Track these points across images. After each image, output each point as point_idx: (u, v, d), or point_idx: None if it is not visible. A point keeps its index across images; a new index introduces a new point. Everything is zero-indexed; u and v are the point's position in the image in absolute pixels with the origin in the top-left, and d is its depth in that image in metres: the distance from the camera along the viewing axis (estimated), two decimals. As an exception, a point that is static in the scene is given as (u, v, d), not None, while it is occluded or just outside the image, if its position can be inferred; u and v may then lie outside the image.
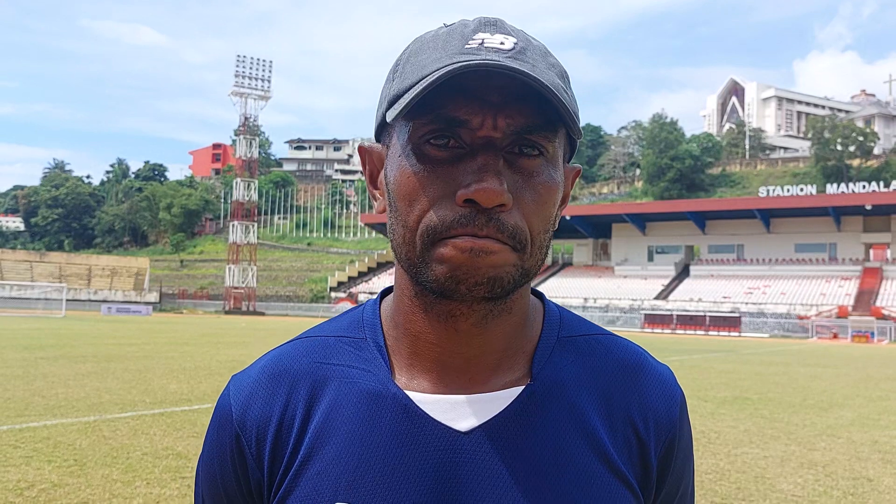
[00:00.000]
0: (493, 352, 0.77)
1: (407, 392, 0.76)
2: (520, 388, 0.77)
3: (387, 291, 0.86)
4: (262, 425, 0.78)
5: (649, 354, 0.87)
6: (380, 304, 0.85)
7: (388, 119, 0.70)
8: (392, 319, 0.80)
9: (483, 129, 0.67)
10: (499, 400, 0.75)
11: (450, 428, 0.74)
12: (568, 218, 73.17)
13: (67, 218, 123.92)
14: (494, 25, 0.70)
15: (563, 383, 0.79)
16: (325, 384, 0.78)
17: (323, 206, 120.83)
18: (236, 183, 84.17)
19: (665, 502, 0.84)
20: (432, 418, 0.74)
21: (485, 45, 0.67)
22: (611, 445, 0.77)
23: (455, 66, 0.64)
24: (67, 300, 63.11)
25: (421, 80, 0.66)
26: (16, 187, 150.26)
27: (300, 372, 0.80)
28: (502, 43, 0.68)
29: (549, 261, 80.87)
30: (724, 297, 61.63)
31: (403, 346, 0.78)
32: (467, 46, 0.68)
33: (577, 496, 0.74)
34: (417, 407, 0.75)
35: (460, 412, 0.74)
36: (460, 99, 0.67)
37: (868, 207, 60.98)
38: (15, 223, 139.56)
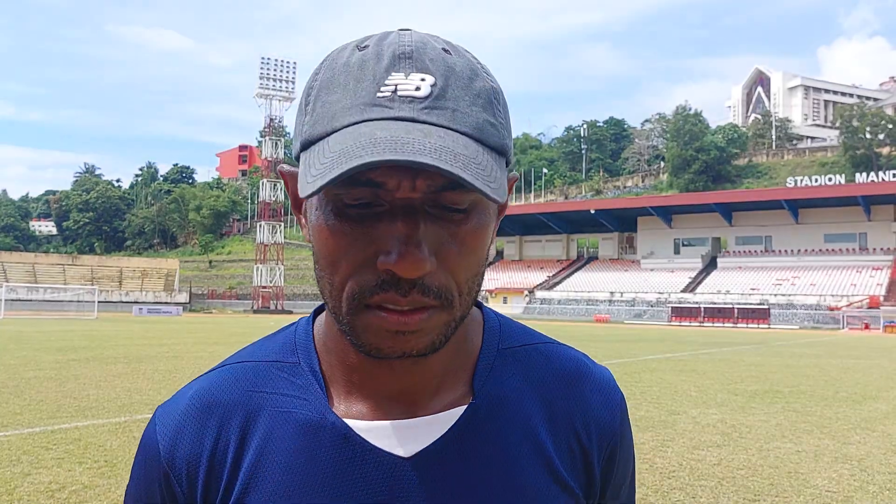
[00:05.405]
0: (433, 377, 0.75)
1: (346, 420, 0.73)
2: (462, 408, 0.75)
3: (319, 309, 0.81)
4: (192, 462, 0.74)
5: (589, 359, 0.87)
6: (312, 324, 0.81)
7: (301, 195, 0.62)
8: (325, 345, 0.77)
9: (400, 190, 0.63)
10: (441, 422, 0.74)
11: (392, 454, 0.72)
12: (593, 212, 72.88)
13: (98, 221, 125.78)
14: (410, 59, 0.65)
15: (505, 398, 0.77)
16: (259, 414, 0.75)
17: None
18: (263, 184, 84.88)
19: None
20: (373, 446, 0.72)
21: (398, 93, 0.63)
22: (556, 456, 0.77)
23: (361, 161, 0.58)
24: (99, 302, 64.03)
25: (331, 134, 0.63)
26: (48, 192, 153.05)
27: (231, 402, 0.76)
28: (418, 88, 0.63)
29: (574, 255, 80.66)
30: (753, 289, 61.00)
31: (339, 373, 0.76)
32: (379, 95, 0.63)
33: None
34: (357, 435, 0.72)
35: (402, 437, 0.72)
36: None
37: (899, 196, 59.98)
38: (48, 227, 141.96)
